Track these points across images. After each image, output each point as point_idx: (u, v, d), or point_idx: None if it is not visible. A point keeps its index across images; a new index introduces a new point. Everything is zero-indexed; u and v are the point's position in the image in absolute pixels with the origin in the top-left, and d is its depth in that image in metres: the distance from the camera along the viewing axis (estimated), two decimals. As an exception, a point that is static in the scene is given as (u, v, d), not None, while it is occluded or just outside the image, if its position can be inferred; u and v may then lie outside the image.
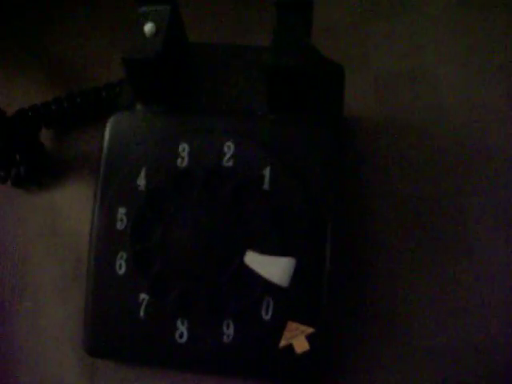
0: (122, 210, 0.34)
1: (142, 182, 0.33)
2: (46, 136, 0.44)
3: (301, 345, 0.32)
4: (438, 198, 0.40)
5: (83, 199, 0.41)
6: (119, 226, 0.33)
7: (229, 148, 0.33)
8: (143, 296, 0.33)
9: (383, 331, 0.36)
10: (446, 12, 0.45)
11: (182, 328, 0.33)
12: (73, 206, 0.42)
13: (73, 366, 0.38)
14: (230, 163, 0.33)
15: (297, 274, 0.32)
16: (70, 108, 0.42)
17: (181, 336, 0.33)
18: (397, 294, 0.37)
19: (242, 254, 0.32)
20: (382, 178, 0.41)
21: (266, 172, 0.32)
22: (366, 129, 0.44)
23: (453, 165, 0.41)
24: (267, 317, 0.32)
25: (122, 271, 0.33)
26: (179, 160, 0.33)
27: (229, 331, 0.32)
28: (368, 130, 0.43)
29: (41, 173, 0.42)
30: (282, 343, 0.32)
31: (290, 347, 0.32)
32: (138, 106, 0.35)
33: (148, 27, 0.32)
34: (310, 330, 0.32)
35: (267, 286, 0.32)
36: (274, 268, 0.32)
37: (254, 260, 0.32)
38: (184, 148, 0.33)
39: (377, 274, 0.38)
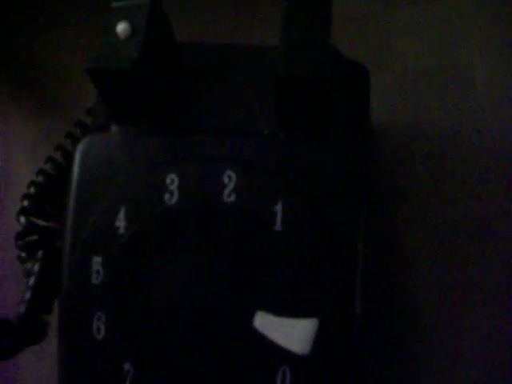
0: (97, 260, 0.27)
1: (121, 223, 0.27)
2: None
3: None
4: (484, 222, 0.33)
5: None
6: (95, 279, 0.27)
7: (229, 178, 0.26)
8: (128, 367, 0.26)
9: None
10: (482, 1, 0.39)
11: (179, 406, 0.26)
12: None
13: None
14: (232, 198, 0.26)
15: (319, 338, 0.25)
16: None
17: (176, 416, 0.26)
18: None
19: (251, 316, 0.25)
20: (413, 203, 0.34)
21: (278, 208, 0.26)
22: (390, 138, 0.37)
23: (498, 181, 0.35)
24: (284, 391, 0.25)
25: (100, 336, 0.27)
26: (167, 195, 0.26)
27: (236, 409, 0.26)
28: (393, 140, 0.37)
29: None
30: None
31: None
32: (114, 128, 0.28)
33: (121, 27, 0.25)
34: (338, 405, 0.26)
35: (282, 353, 0.25)
36: (291, 332, 0.25)
37: (266, 323, 0.25)
38: (173, 180, 0.26)
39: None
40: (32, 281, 0.29)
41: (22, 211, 0.31)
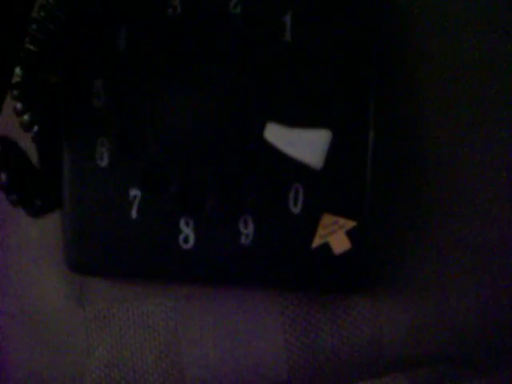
0: (98, 83, 0.25)
1: (121, 42, 0.25)
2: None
3: (340, 243, 0.25)
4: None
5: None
6: (96, 102, 0.26)
7: (235, -13, 0.25)
8: (134, 192, 0.26)
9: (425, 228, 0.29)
10: None
11: (187, 230, 0.25)
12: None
13: (56, 286, 0.31)
14: (238, 9, 0.25)
15: (333, 152, 0.24)
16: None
17: (186, 240, 0.26)
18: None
19: (261, 128, 0.24)
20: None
21: (287, 18, 0.24)
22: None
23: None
24: (296, 209, 0.25)
25: (104, 162, 0.26)
26: (170, 9, 0.25)
27: (247, 230, 0.25)
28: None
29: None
30: (316, 242, 0.25)
31: (325, 247, 0.25)
32: None
33: None
34: (352, 223, 0.25)
35: (295, 168, 0.25)
36: (303, 144, 0.24)
37: (276, 135, 0.24)
38: (175, -8, 0.25)
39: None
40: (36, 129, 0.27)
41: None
